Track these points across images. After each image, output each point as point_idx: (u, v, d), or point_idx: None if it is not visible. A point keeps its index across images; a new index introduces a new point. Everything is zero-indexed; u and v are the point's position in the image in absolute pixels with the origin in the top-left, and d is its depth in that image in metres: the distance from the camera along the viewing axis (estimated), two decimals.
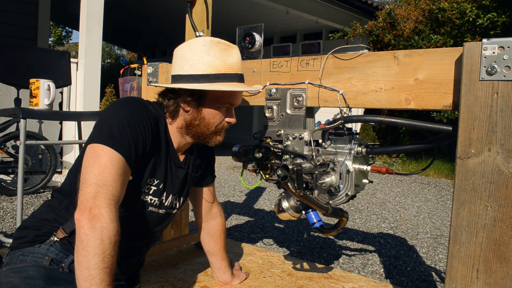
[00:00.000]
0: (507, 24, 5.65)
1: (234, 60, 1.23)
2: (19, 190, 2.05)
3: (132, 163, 1.09)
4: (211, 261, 1.57)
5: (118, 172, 1.04)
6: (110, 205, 1.00)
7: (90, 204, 0.99)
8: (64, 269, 1.15)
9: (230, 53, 1.22)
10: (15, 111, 2.14)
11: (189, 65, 1.19)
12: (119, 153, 1.05)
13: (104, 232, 0.97)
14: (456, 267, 1.02)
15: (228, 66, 1.21)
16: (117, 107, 1.15)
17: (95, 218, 0.97)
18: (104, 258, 0.97)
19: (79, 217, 0.98)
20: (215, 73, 1.18)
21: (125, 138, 1.08)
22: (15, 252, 1.17)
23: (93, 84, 4.17)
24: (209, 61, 1.18)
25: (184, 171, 1.34)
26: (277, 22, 8.89)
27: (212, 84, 1.18)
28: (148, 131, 1.15)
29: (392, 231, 3.19)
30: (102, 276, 0.96)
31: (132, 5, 9.19)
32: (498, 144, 0.95)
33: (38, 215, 1.22)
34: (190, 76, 1.19)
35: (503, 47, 0.95)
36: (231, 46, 1.23)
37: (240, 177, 3.76)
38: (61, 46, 17.15)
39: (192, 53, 1.19)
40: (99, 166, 1.02)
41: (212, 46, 1.19)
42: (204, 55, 1.18)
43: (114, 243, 0.99)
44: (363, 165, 1.29)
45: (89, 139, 1.09)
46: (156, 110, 1.24)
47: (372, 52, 1.27)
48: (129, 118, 1.11)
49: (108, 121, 1.10)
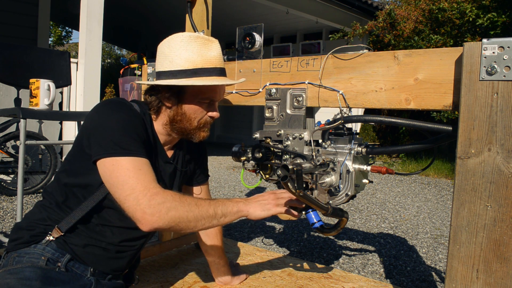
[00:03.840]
0: (507, 24, 5.65)
1: (213, 54, 1.21)
2: (19, 190, 2.05)
3: (143, 154, 1.11)
4: (209, 262, 1.57)
5: (136, 169, 1.07)
6: (148, 196, 1.03)
7: (139, 213, 1.01)
8: (60, 269, 1.15)
9: (209, 47, 1.21)
10: (15, 111, 2.14)
11: (168, 61, 1.19)
12: (127, 156, 1.07)
13: (175, 197, 1.04)
14: (456, 267, 1.02)
15: (206, 60, 1.20)
16: (104, 113, 1.14)
17: (157, 202, 1.02)
18: (197, 203, 1.07)
19: (145, 227, 1.02)
20: (192, 68, 1.18)
21: (127, 141, 1.09)
22: (11, 254, 1.17)
23: (93, 84, 4.17)
24: (186, 56, 1.18)
25: (172, 166, 1.34)
26: (277, 22, 8.89)
27: (189, 79, 1.18)
28: (139, 128, 1.16)
29: (392, 231, 3.19)
30: (211, 207, 1.08)
31: (132, 5, 9.19)
32: (498, 144, 0.95)
33: (31, 216, 1.23)
34: (169, 72, 1.19)
35: (503, 47, 0.95)
36: (210, 40, 1.23)
37: (240, 177, 3.76)
38: (61, 46, 17.15)
39: (170, 49, 1.19)
40: (118, 181, 1.05)
41: (191, 41, 1.19)
42: (182, 50, 1.18)
43: (181, 196, 1.07)
44: (363, 165, 1.29)
45: (95, 154, 1.09)
46: (141, 107, 1.24)
47: (372, 52, 1.27)
48: (119, 120, 1.12)
49: (105, 131, 1.10)
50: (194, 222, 1.06)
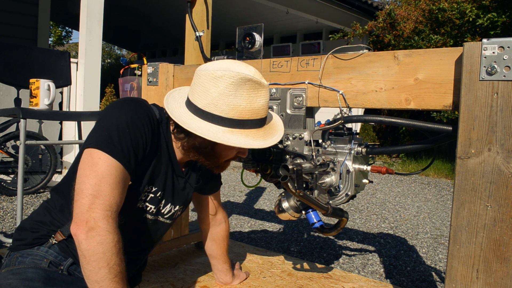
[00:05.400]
0: (507, 24, 5.65)
1: (262, 103, 1.11)
2: (19, 190, 2.05)
3: (131, 170, 1.05)
4: (212, 264, 1.57)
5: (116, 181, 1.00)
6: (106, 217, 0.97)
7: (86, 217, 0.96)
8: (63, 272, 1.15)
9: (258, 94, 1.09)
10: (15, 111, 2.14)
11: (211, 102, 1.07)
12: (118, 161, 1.01)
13: (104, 245, 0.95)
14: (456, 267, 1.02)
15: (253, 110, 1.10)
16: (117, 108, 1.10)
17: (92, 231, 0.95)
18: (110, 269, 0.95)
19: (75, 232, 0.96)
20: (238, 118, 1.08)
21: (124, 143, 1.03)
22: (14, 254, 1.17)
23: (93, 84, 4.18)
24: (234, 104, 1.06)
25: (183, 181, 1.29)
26: (277, 22, 8.89)
27: (232, 132, 1.08)
28: (148, 135, 1.10)
29: (392, 231, 3.19)
30: (113, 285, 0.95)
31: (132, 5, 9.19)
32: (498, 144, 0.95)
33: (35, 217, 1.21)
34: (210, 114, 1.08)
35: (503, 47, 0.95)
36: (261, 85, 1.10)
37: (240, 177, 3.76)
38: (61, 46, 17.15)
39: (217, 89, 1.06)
40: (96, 176, 0.98)
41: (241, 85, 1.06)
42: (230, 95, 1.06)
43: (117, 253, 0.97)
44: (363, 165, 1.29)
45: (86, 141, 1.05)
46: (160, 113, 1.18)
47: (372, 52, 1.27)
48: (128, 120, 1.06)
49: (107, 123, 1.05)
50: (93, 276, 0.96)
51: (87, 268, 0.95)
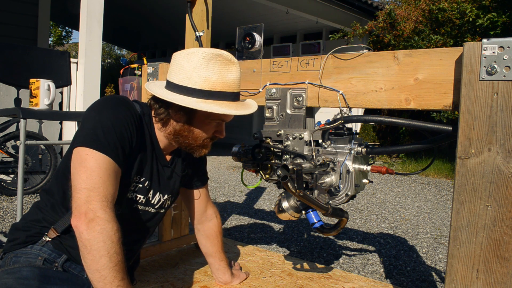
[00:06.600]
0: (507, 24, 5.65)
1: (233, 77, 1.19)
2: (19, 190, 2.05)
3: (120, 162, 1.09)
4: (209, 262, 1.57)
5: (107, 173, 1.04)
6: (104, 207, 1.01)
7: (84, 209, 1.00)
8: (58, 269, 1.16)
9: (229, 69, 1.18)
10: (15, 111, 2.14)
11: (186, 76, 1.16)
12: (105, 155, 1.05)
13: (104, 234, 0.99)
14: (456, 267, 1.02)
15: (225, 83, 1.17)
16: (99, 107, 1.14)
17: (92, 222, 0.99)
18: (111, 257, 0.99)
19: (76, 224, 1.00)
20: (210, 89, 1.15)
21: (109, 138, 1.07)
22: (8, 254, 1.18)
23: (93, 84, 4.17)
24: (206, 76, 1.15)
25: (170, 170, 1.34)
26: (277, 22, 8.89)
27: (205, 102, 1.15)
28: (132, 129, 1.15)
29: (392, 231, 3.19)
30: (113, 274, 0.98)
31: (132, 5, 9.19)
32: (498, 144, 0.95)
33: (27, 217, 1.23)
34: (184, 88, 1.16)
35: (503, 47, 0.95)
36: (232, 61, 1.19)
37: (240, 177, 3.77)
38: (61, 46, 17.15)
39: (190, 63, 1.16)
40: (86, 170, 1.03)
41: (212, 60, 1.15)
42: (202, 68, 1.15)
43: (117, 241, 1.01)
44: (363, 165, 1.29)
45: (73, 142, 1.09)
46: (142, 108, 1.23)
47: (372, 52, 1.27)
48: (112, 117, 1.11)
49: (91, 122, 1.10)
50: (94, 265, 0.98)
51: (88, 257, 0.98)
